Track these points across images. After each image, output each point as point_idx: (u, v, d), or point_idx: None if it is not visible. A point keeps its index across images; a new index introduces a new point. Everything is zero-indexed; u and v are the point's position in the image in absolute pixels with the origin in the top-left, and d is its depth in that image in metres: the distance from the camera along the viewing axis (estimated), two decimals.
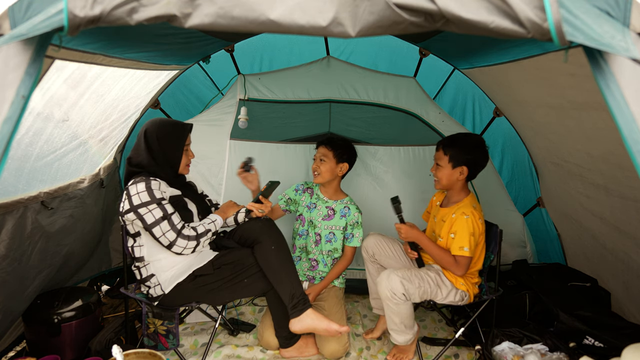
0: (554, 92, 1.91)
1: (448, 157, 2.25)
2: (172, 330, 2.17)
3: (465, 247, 2.15)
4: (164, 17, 0.99)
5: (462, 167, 2.24)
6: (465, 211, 2.20)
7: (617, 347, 1.57)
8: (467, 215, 2.18)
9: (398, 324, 2.21)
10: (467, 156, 2.23)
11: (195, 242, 2.06)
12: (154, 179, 2.04)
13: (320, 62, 3.07)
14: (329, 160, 2.58)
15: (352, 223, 2.67)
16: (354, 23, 0.99)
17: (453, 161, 2.24)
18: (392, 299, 2.12)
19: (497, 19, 0.94)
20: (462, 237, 2.16)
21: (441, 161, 2.28)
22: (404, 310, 2.17)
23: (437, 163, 2.31)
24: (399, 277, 2.12)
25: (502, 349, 2.16)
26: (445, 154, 2.26)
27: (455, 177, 2.26)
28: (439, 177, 2.30)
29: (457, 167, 2.24)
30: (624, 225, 2.10)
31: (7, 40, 0.99)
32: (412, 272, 2.20)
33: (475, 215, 2.20)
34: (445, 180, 2.28)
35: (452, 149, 2.25)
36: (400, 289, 2.11)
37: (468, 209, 2.21)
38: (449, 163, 2.25)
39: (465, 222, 2.17)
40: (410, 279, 2.15)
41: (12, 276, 1.98)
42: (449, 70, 2.99)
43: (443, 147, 2.28)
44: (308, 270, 2.76)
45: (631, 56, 0.92)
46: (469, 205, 2.24)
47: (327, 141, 2.62)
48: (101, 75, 2.10)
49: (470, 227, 2.17)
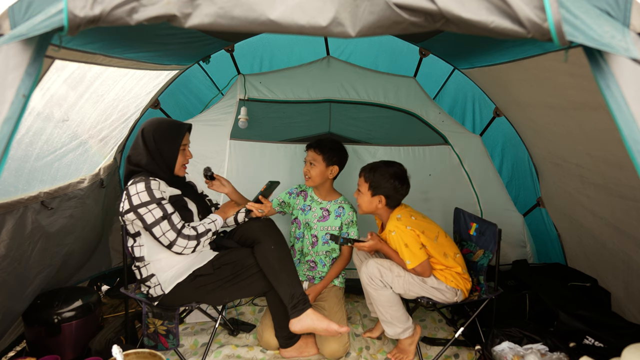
0: (554, 92, 1.90)
1: (368, 185, 2.29)
2: (172, 330, 2.17)
3: (407, 260, 2.20)
4: (164, 17, 0.99)
5: (380, 196, 2.28)
6: (390, 228, 2.26)
7: (617, 347, 1.57)
8: (393, 231, 2.24)
9: (383, 313, 2.26)
10: (386, 185, 2.26)
11: (195, 241, 2.06)
12: (153, 179, 2.04)
13: (320, 62, 3.07)
14: (319, 164, 2.56)
15: (347, 222, 2.67)
16: (354, 23, 0.99)
17: (372, 189, 2.28)
18: (370, 283, 2.20)
19: (497, 19, 0.94)
20: (402, 253, 2.22)
21: (362, 187, 2.32)
22: (383, 297, 2.22)
23: (358, 189, 2.35)
24: (376, 264, 2.21)
25: (502, 349, 2.16)
26: (365, 181, 2.30)
27: (375, 205, 2.31)
28: (359, 203, 2.35)
29: (375, 195, 2.28)
30: (624, 225, 2.10)
31: (7, 40, 0.99)
32: (394, 263, 2.26)
33: (399, 227, 2.24)
34: (365, 206, 2.33)
35: (372, 176, 2.27)
36: (377, 273, 2.19)
37: (392, 225, 2.27)
38: (369, 191, 2.29)
39: (394, 238, 2.24)
40: (390, 268, 2.22)
41: (12, 276, 1.98)
42: (449, 70, 2.99)
43: (364, 174, 2.31)
44: (308, 271, 2.75)
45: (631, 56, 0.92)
46: (393, 221, 2.28)
47: (315, 144, 2.58)
48: (101, 75, 2.10)
49: (400, 240, 2.21)
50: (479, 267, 2.38)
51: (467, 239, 2.50)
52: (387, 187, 2.26)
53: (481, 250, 2.39)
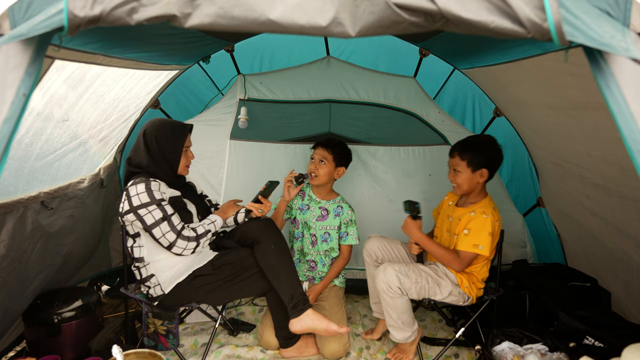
0: (554, 92, 1.90)
1: (466, 162, 2.22)
2: (172, 330, 2.17)
3: (480, 245, 2.13)
4: (164, 17, 0.99)
5: (482, 170, 2.22)
6: (486, 211, 2.20)
7: (617, 347, 1.57)
8: (487, 214, 2.18)
9: (395, 319, 2.22)
10: (484, 158, 2.21)
11: (195, 242, 2.06)
12: (153, 180, 2.04)
13: (320, 62, 3.07)
14: (329, 163, 2.56)
15: (345, 222, 2.67)
16: (354, 23, 0.99)
17: (472, 165, 2.22)
18: (388, 292, 2.14)
19: (497, 19, 0.94)
20: (479, 235, 2.15)
21: (459, 167, 2.24)
22: (399, 305, 2.17)
23: (454, 169, 2.27)
24: (394, 271, 2.14)
25: (502, 349, 2.16)
26: (462, 159, 2.23)
27: (476, 181, 2.24)
28: (458, 182, 2.26)
29: (476, 170, 2.22)
30: (624, 225, 2.10)
31: (7, 40, 0.99)
32: (410, 267, 2.20)
33: (494, 216, 2.20)
34: (467, 185, 2.25)
35: (468, 153, 2.22)
36: (396, 282, 2.12)
37: (488, 209, 2.21)
38: (468, 167, 2.22)
39: (484, 220, 2.16)
40: (407, 274, 2.16)
41: (12, 276, 1.98)
42: (449, 70, 2.99)
43: (459, 152, 2.24)
44: (307, 271, 2.75)
45: (631, 56, 0.92)
46: (489, 206, 2.24)
47: (326, 143, 2.59)
48: (101, 75, 2.10)
49: (489, 226, 2.16)
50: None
51: None
52: (486, 159, 2.21)
53: None
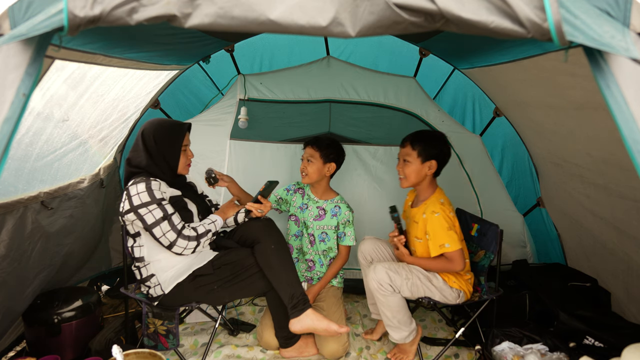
0: (554, 92, 1.90)
1: (417, 152, 2.24)
2: (172, 330, 2.17)
3: (445, 243, 2.16)
4: (164, 17, 0.99)
5: (431, 162, 2.24)
6: (435, 209, 2.21)
7: (617, 347, 1.57)
8: (437, 212, 2.19)
9: (391, 318, 2.23)
10: (434, 150, 2.23)
11: (195, 242, 2.06)
12: (154, 180, 2.04)
13: (320, 62, 3.07)
14: (316, 160, 2.57)
15: (343, 222, 2.67)
16: (354, 23, 0.99)
17: (422, 156, 2.23)
18: (380, 289, 2.16)
19: (497, 19, 0.94)
20: (439, 235, 2.17)
21: (409, 157, 2.26)
22: (392, 303, 2.18)
23: (404, 159, 2.28)
24: (384, 268, 2.16)
25: (502, 349, 2.16)
26: (413, 149, 2.25)
27: (424, 173, 2.25)
28: (407, 173, 2.27)
29: (426, 161, 2.24)
30: (624, 225, 2.10)
31: (7, 40, 0.99)
32: (400, 265, 2.22)
33: (445, 211, 2.20)
34: (414, 176, 2.26)
35: (420, 143, 2.24)
36: (386, 279, 2.14)
37: (437, 206, 2.21)
38: (418, 158, 2.24)
39: (437, 220, 2.18)
40: (397, 271, 2.17)
41: (12, 276, 1.98)
42: (449, 70, 2.99)
43: (410, 142, 2.27)
44: (306, 271, 2.75)
45: (631, 56, 0.92)
46: (437, 202, 2.24)
47: (313, 141, 2.61)
48: (101, 75, 2.10)
49: (444, 223, 2.17)
50: (480, 268, 2.38)
51: (469, 240, 2.50)
52: (436, 151, 2.23)
53: (482, 251, 2.39)
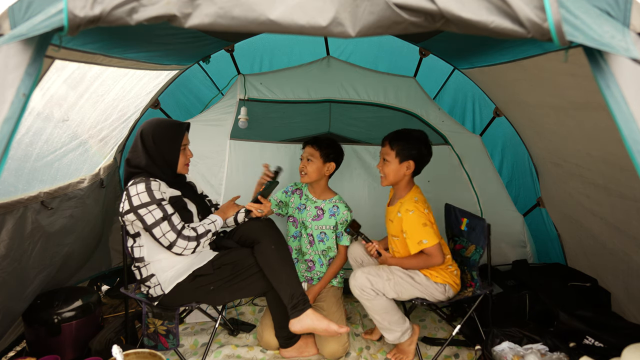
0: (554, 92, 1.90)
1: (395, 152, 2.25)
2: (172, 330, 2.17)
3: (423, 239, 2.17)
4: (164, 17, 0.99)
5: (408, 162, 2.25)
6: (408, 207, 2.22)
7: (617, 347, 1.57)
8: (412, 210, 2.21)
9: (381, 321, 2.24)
10: (412, 151, 2.24)
11: (195, 242, 2.06)
12: (153, 180, 2.04)
13: (320, 62, 3.07)
14: (316, 160, 2.58)
15: (342, 221, 2.67)
16: (354, 23, 0.99)
17: (400, 156, 2.25)
18: (362, 295, 2.18)
19: (497, 19, 0.94)
20: (415, 232, 2.19)
21: (388, 156, 2.27)
22: (378, 306, 2.20)
23: (383, 158, 2.30)
24: (364, 274, 2.19)
25: (502, 349, 2.16)
26: (392, 149, 2.26)
27: (402, 172, 2.27)
28: (385, 172, 2.29)
29: (404, 161, 2.25)
30: (624, 225, 2.10)
31: (7, 40, 0.99)
32: (381, 267, 2.24)
33: (418, 208, 2.22)
34: (392, 175, 2.28)
35: (398, 143, 2.25)
36: (367, 284, 2.16)
37: (410, 204, 2.23)
38: (396, 158, 2.25)
39: (411, 217, 2.20)
40: (377, 274, 2.19)
41: (12, 276, 1.98)
42: (449, 70, 2.99)
43: (389, 141, 2.28)
44: (305, 271, 2.75)
45: (631, 56, 0.92)
46: (411, 200, 2.26)
47: (313, 141, 2.62)
48: (101, 75, 2.10)
49: (419, 219, 2.19)
50: (472, 263, 2.38)
51: (459, 235, 2.50)
52: (415, 151, 2.24)
53: (473, 246, 2.39)
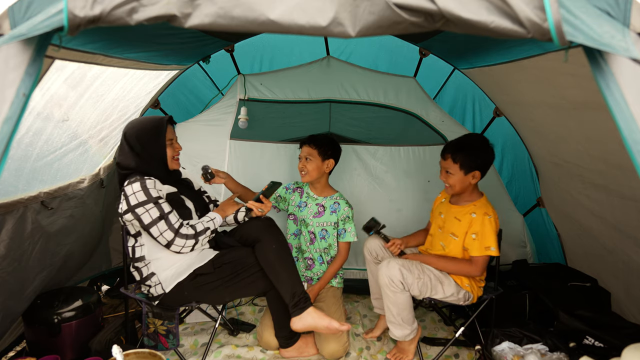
0: (554, 92, 1.90)
1: (459, 165, 2.20)
2: (172, 330, 2.17)
3: (492, 246, 2.16)
4: (164, 17, 0.99)
5: (474, 172, 2.21)
6: (487, 211, 2.21)
7: (617, 347, 1.57)
8: (490, 215, 2.19)
9: (395, 315, 2.22)
10: (477, 160, 2.20)
11: (193, 240, 2.06)
12: (148, 178, 2.03)
13: (320, 62, 3.07)
14: (315, 158, 2.59)
15: (343, 218, 2.67)
16: (354, 23, 0.99)
17: (465, 168, 2.20)
18: (390, 286, 2.15)
19: (497, 19, 0.94)
20: (488, 237, 2.16)
21: (451, 169, 2.22)
22: (401, 300, 2.18)
23: (446, 170, 2.25)
24: (398, 265, 2.15)
25: (502, 349, 2.16)
26: (455, 162, 2.20)
27: (468, 182, 2.23)
28: (451, 184, 2.24)
29: (469, 172, 2.21)
30: (624, 225, 2.10)
31: (7, 40, 0.99)
32: (413, 263, 2.22)
33: (494, 215, 2.22)
34: (459, 186, 2.24)
35: (461, 155, 2.19)
36: (399, 276, 2.13)
37: (489, 209, 2.22)
38: (461, 170, 2.20)
39: (489, 222, 2.18)
40: (410, 269, 2.17)
41: (12, 276, 1.98)
42: (449, 70, 2.99)
43: (452, 154, 2.22)
44: (305, 270, 2.75)
45: (631, 56, 0.92)
46: (489, 206, 2.25)
47: (310, 140, 2.62)
48: (101, 75, 2.10)
49: (494, 226, 2.18)
50: None
51: None
52: (478, 162, 2.20)
53: None
